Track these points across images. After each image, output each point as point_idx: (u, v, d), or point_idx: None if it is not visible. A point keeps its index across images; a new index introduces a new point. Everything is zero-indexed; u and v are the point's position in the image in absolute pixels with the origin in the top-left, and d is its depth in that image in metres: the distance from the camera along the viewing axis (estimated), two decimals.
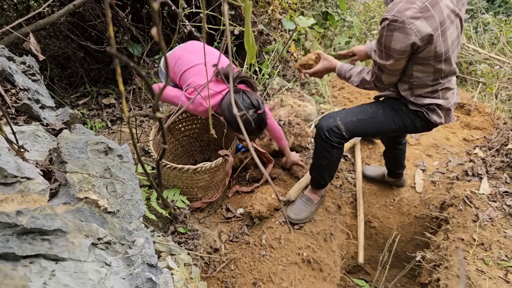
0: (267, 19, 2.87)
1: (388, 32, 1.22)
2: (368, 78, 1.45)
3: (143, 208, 1.04)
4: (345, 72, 1.56)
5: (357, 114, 1.54)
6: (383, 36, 1.25)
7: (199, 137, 2.27)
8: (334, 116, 1.55)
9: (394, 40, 1.22)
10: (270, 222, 1.83)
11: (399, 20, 1.17)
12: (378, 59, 1.35)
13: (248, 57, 0.44)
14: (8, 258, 0.66)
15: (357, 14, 4.57)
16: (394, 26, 1.19)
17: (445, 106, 1.43)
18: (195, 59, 1.71)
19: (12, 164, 0.76)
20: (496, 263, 1.56)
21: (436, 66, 1.30)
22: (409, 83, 1.40)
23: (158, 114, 0.37)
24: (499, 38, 3.70)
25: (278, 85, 2.85)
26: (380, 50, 1.31)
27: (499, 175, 2.02)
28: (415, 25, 1.17)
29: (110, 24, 0.34)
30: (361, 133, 1.54)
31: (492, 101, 2.88)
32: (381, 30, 1.26)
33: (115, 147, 1.03)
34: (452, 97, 1.45)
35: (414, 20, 1.17)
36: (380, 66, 1.36)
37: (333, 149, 1.57)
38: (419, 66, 1.32)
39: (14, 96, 1.22)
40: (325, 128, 1.54)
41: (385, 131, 1.54)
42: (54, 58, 2.93)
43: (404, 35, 1.19)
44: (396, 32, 1.20)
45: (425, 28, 1.18)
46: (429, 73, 1.34)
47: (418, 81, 1.38)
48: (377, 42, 1.31)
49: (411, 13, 1.17)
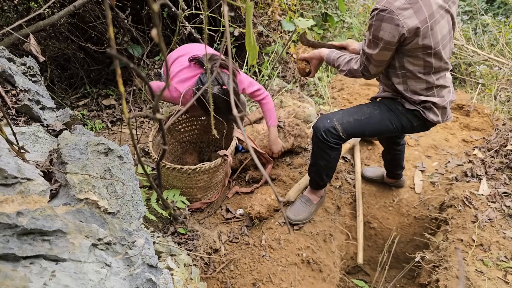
0: (267, 20, 2.88)
1: (376, 21, 1.26)
2: (356, 67, 1.47)
3: (143, 209, 1.04)
4: (333, 61, 1.57)
5: (354, 114, 1.54)
6: (372, 25, 1.29)
7: (199, 138, 2.27)
8: (330, 116, 1.56)
9: (382, 30, 1.26)
10: (270, 223, 1.84)
11: (388, 10, 1.21)
12: (366, 48, 1.38)
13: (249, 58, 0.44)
14: (8, 258, 0.66)
15: (357, 15, 4.58)
16: (383, 16, 1.23)
17: (440, 104, 1.44)
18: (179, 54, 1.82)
19: (12, 165, 0.76)
20: (495, 264, 1.56)
21: (426, 59, 1.33)
22: (402, 75, 1.42)
23: (158, 115, 0.37)
24: (498, 39, 3.71)
25: (277, 86, 2.86)
26: (369, 39, 1.35)
27: (498, 176, 2.03)
28: (403, 16, 1.21)
29: (110, 25, 0.34)
30: (358, 133, 1.55)
31: (491, 102, 2.88)
32: (370, 19, 1.30)
33: (115, 148, 1.03)
34: (448, 95, 1.47)
35: (402, 11, 1.21)
36: (367, 55, 1.39)
37: (331, 149, 1.57)
38: (408, 58, 1.35)
39: (15, 97, 1.22)
40: (322, 129, 1.54)
41: (382, 131, 1.54)
42: (54, 59, 2.93)
43: (392, 26, 1.23)
44: (384, 22, 1.24)
45: (412, 20, 1.22)
46: (419, 66, 1.36)
47: (410, 74, 1.40)
48: (367, 31, 1.35)
49: (400, 4, 1.21)
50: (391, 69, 1.45)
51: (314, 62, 1.65)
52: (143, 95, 2.84)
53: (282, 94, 2.72)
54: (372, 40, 1.32)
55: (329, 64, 1.61)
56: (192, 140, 2.26)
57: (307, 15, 3.52)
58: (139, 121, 2.64)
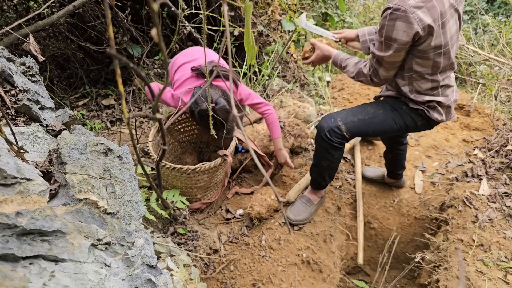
0: (267, 20, 2.87)
1: (390, 21, 1.22)
2: (366, 71, 1.44)
3: (142, 209, 1.03)
4: (341, 61, 1.54)
5: (358, 114, 1.53)
6: (385, 26, 1.25)
7: (199, 138, 2.27)
8: (334, 116, 1.55)
9: (396, 30, 1.22)
10: (270, 223, 1.83)
11: (402, 8, 1.18)
12: (377, 51, 1.34)
13: (248, 57, 0.44)
14: (7, 259, 0.66)
15: (357, 15, 4.57)
16: (397, 15, 1.20)
17: (445, 104, 1.43)
18: (185, 60, 1.82)
19: (11, 165, 0.76)
20: (495, 264, 1.56)
21: (435, 59, 1.31)
22: (408, 77, 1.41)
23: (158, 115, 0.37)
24: (499, 39, 3.70)
25: (277, 86, 2.85)
26: (380, 42, 1.31)
27: (498, 176, 2.02)
28: (417, 14, 1.18)
29: (110, 25, 0.34)
30: (362, 133, 1.54)
31: (491, 102, 2.88)
32: (382, 19, 1.26)
33: (115, 148, 1.03)
34: (452, 94, 1.46)
35: (416, 9, 1.18)
36: (378, 58, 1.35)
37: (334, 149, 1.57)
38: (418, 59, 1.33)
39: (14, 97, 1.22)
40: (326, 128, 1.53)
41: (386, 130, 1.54)
42: (53, 59, 2.93)
43: (406, 24, 1.20)
44: (399, 21, 1.20)
45: (426, 18, 1.19)
46: (427, 67, 1.34)
47: (416, 75, 1.38)
48: (378, 33, 1.31)
49: (414, 2, 1.18)
50: (398, 71, 1.43)
51: (319, 53, 1.60)
52: (143, 95, 2.84)
53: (282, 94, 2.72)
54: (385, 42, 1.28)
55: (335, 65, 1.58)
56: (191, 140, 2.25)
57: (308, 14, 3.52)
58: (138, 121, 2.64)
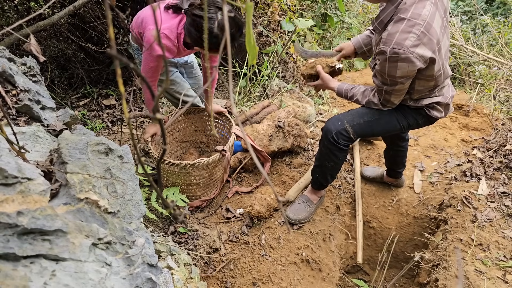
0: (267, 20, 2.88)
1: (391, 63, 1.24)
2: (376, 100, 1.48)
3: (143, 208, 1.04)
4: (345, 92, 1.58)
5: (364, 115, 1.55)
6: (386, 67, 1.26)
7: (199, 138, 2.27)
8: (341, 118, 1.56)
9: (399, 69, 1.24)
10: (270, 222, 1.84)
11: (401, 51, 1.19)
12: (384, 86, 1.38)
13: (249, 58, 0.44)
14: (8, 258, 0.67)
15: (356, 15, 4.58)
16: (397, 58, 1.21)
17: (444, 102, 1.47)
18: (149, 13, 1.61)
19: (12, 164, 0.77)
20: (494, 263, 1.57)
21: (437, 78, 1.36)
22: (409, 93, 1.45)
23: (158, 115, 0.37)
24: (498, 39, 3.71)
25: (277, 86, 2.86)
26: (384, 78, 1.33)
27: (497, 176, 2.03)
28: (417, 53, 1.20)
29: (111, 26, 0.35)
30: (368, 134, 1.57)
31: (490, 102, 2.89)
32: (382, 62, 1.27)
33: (116, 148, 1.03)
34: (448, 91, 1.50)
35: (415, 48, 1.19)
36: (387, 91, 1.39)
37: (340, 151, 1.59)
38: (421, 81, 1.36)
39: (15, 97, 1.22)
40: (334, 131, 1.54)
41: (390, 130, 1.57)
42: (54, 59, 2.94)
43: (408, 63, 1.22)
44: (400, 62, 1.22)
45: (426, 53, 1.21)
46: (429, 86, 1.39)
47: (417, 93, 1.43)
48: (379, 72, 1.33)
49: (411, 42, 1.18)
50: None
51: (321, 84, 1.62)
52: (143, 95, 2.85)
53: (282, 94, 2.72)
54: (389, 79, 1.31)
55: (340, 96, 1.61)
56: (192, 140, 2.26)
57: (307, 15, 3.53)
58: (139, 121, 2.64)
